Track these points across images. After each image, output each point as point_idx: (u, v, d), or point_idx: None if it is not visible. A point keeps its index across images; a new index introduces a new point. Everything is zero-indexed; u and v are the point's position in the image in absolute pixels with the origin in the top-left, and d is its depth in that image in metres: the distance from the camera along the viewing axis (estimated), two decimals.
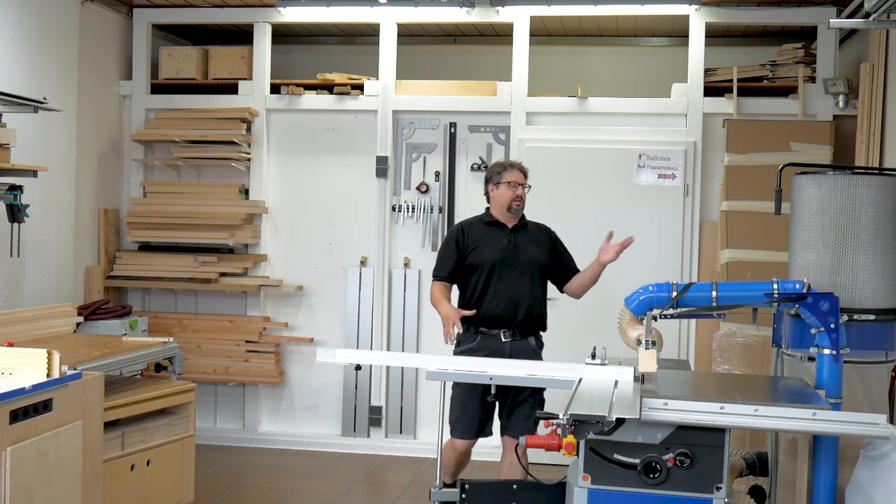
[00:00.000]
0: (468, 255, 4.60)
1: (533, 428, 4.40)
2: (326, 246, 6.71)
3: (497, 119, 6.49)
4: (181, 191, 6.71)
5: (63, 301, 5.88)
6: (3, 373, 3.47)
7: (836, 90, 6.00)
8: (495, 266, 4.54)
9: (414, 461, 6.29)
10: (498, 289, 4.52)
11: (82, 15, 6.23)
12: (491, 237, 4.61)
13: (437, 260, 4.72)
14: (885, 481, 3.27)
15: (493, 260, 4.55)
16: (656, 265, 6.12)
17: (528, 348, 4.53)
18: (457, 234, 4.67)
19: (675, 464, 3.08)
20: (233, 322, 6.68)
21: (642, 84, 6.89)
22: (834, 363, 3.49)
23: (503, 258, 4.55)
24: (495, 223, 4.65)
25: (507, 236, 4.61)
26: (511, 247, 4.58)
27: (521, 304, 4.52)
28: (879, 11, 4.52)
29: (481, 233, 4.63)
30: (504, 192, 4.61)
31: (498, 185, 4.63)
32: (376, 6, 6.40)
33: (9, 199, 4.97)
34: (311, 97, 6.65)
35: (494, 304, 4.52)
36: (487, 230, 4.64)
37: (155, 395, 4.78)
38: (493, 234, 4.62)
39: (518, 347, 4.51)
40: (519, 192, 4.60)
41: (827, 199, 3.73)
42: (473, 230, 4.65)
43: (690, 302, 3.63)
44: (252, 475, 6.01)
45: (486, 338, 4.52)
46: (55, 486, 3.50)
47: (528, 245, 4.62)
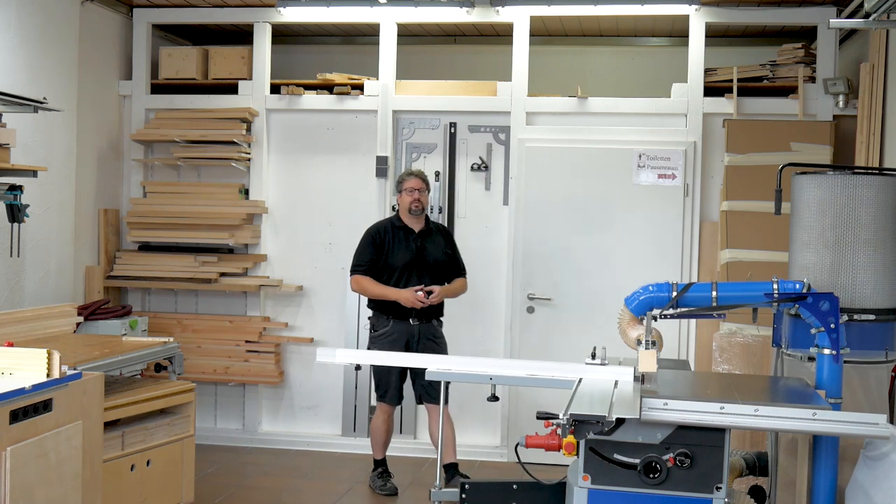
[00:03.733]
0: (384, 256, 5.50)
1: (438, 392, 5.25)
2: (326, 246, 6.71)
3: (497, 119, 6.49)
4: (181, 191, 6.71)
5: (63, 301, 5.88)
6: (3, 373, 3.47)
7: (836, 90, 6.00)
8: (405, 266, 5.49)
9: (414, 461, 6.29)
10: (408, 285, 5.45)
11: (82, 15, 6.23)
12: (401, 241, 5.54)
13: (356, 256, 5.60)
14: (885, 481, 3.27)
15: (404, 261, 5.49)
16: (656, 265, 6.13)
17: (433, 329, 5.56)
18: (374, 234, 5.58)
19: (675, 464, 3.08)
20: (233, 322, 6.68)
21: (642, 84, 6.88)
22: (834, 363, 3.49)
23: (411, 259, 5.50)
24: (404, 228, 5.57)
25: (415, 240, 5.54)
26: (418, 249, 5.53)
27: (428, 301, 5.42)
28: (879, 11, 4.52)
29: (394, 237, 5.55)
30: (405, 197, 5.56)
31: (401, 192, 5.59)
32: (376, 6, 6.40)
33: (9, 199, 4.97)
34: (311, 97, 6.65)
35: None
36: (398, 234, 5.56)
37: (155, 395, 4.78)
38: (403, 239, 5.55)
39: (425, 329, 5.51)
40: (416, 196, 5.53)
41: (827, 199, 3.73)
42: (387, 234, 5.56)
43: (690, 302, 3.63)
44: (252, 475, 6.00)
45: (398, 323, 5.47)
46: (55, 486, 3.50)
47: (431, 247, 5.58)
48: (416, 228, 5.58)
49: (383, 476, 5.71)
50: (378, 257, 5.52)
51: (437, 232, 5.68)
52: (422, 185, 5.58)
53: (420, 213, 5.56)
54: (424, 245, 5.56)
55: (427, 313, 5.51)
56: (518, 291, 6.34)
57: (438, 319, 5.63)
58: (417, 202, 5.55)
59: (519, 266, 6.36)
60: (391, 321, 5.50)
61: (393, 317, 5.49)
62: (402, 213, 5.61)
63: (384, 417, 5.68)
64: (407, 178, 5.61)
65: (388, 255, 5.52)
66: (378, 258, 5.52)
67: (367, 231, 5.64)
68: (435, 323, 5.59)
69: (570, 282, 6.32)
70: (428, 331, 5.53)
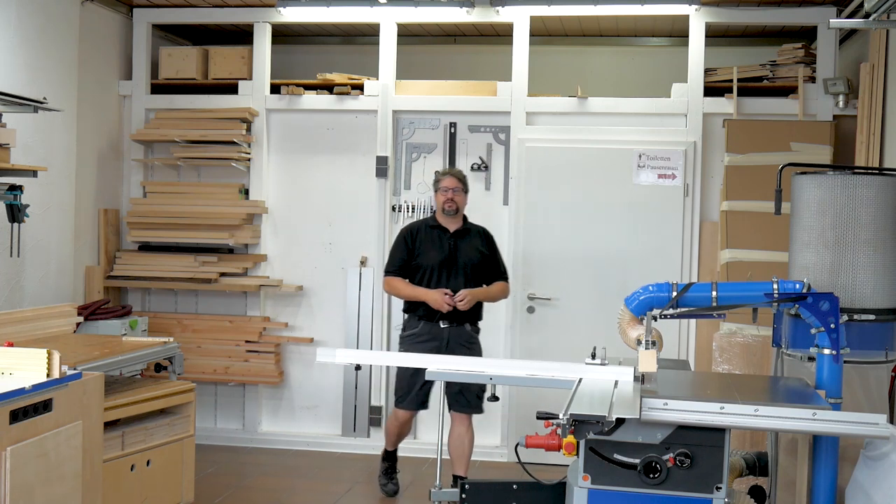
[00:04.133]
0: (416, 257, 5.33)
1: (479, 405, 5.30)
2: (326, 246, 6.71)
3: (497, 119, 6.49)
4: (181, 191, 6.71)
5: (63, 301, 5.88)
6: (3, 373, 3.47)
7: (836, 90, 6.00)
8: (435, 268, 5.29)
9: (414, 461, 6.29)
10: (439, 286, 5.24)
11: (82, 15, 6.23)
12: (435, 241, 5.36)
13: (389, 257, 5.49)
14: (885, 481, 3.27)
15: (435, 262, 5.30)
16: (656, 265, 6.13)
17: (464, 333, 5.30)
18: (406, 235, 5.41)
19: (675, 464, 3.08)
20: (233, 322, 6.68)
21: (642, 84, 6.88)
22: (834, 363, 3.49)
23: (443, 260, 5.30)
24: (439, 227, 5.39)
25: (449, 240, 5.35)
26: (452, 250, 5.33)
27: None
28: (879, 11, 4.52)
29: (427, 237, 5.37)
30: (439, 196, 5.38)
31: (437, 191, 5.41)
32: (376, 6, 6.40)
33: (9, 199, 4.97)
34: (311, 97, 6.65)
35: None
36: (432, 234, 5.38)
37: (155, 395, 4.78)
38: (437, 239, 5.36)
39: (456, 332, 5.27)
40: (450, 196, 5.33)
41: (827, 199, 3.73)
42: (420, 234, 5.39)
43: (690, 302, 3.63)
44: (252, 475, 6.00)
45: (428, 324, 5.26)
46: (55, 486, 3.50)
47: (466, 248, 5.36)
48: (452, 228, 5.40)
49: (388, 473, 5.67)
50: (410, 258, 5.36)
51: (475, 233, 5.47)
52: (457, 185, 5.38)
53: (454, 213, 5.37)
54: (458, 245, 5.36)
55: (459, 316, 5.27)
56: (518, 291, 6.34)
57: (473, 324, 5.39)
58: (451, 202, 5.35)
59: (519, 266, 6.35)
60: (421, 322, 5.30)
61: (423, 318, 5.29)
62: (438, 212, 5.44)
63: (398, 423, 5.51)
64: (442, 178, 5.42)
65: (419, 255, 5.35)
66: (410, 259, 5.36)
67: (400, 231, 5.51)
68: (468, 327, 5.34)
69: (570, 282, 6.32)
70: (460, 335, 5.29)
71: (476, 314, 5.35)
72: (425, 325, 5.27)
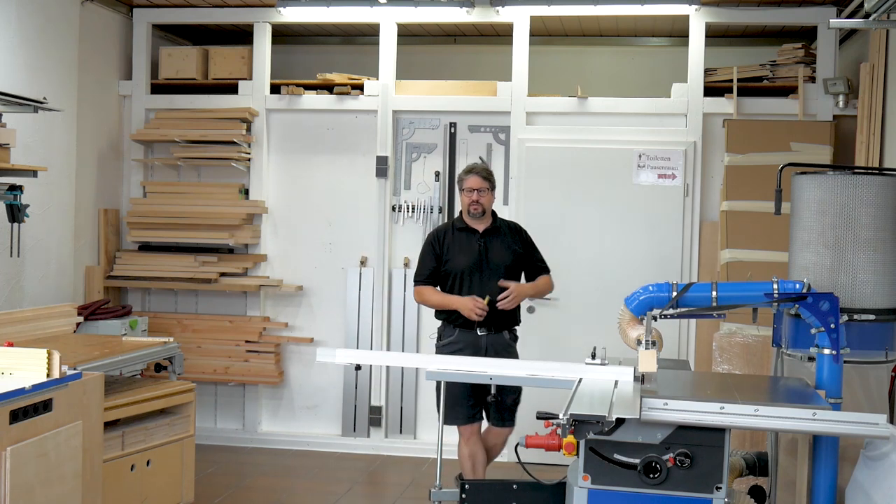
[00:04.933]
0: (444, 263, 4.93)
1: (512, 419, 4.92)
2: (326, 246, 6.71)
3: (497, 119, 6.49)
4: (181, 191, 6.71)
5: (63, 301, 5.88)
6: (3, 373, 3.47)
7: (836, 90, 6.00)
8: (465, 272, 4.87)
9: (414, 461, 6.29)
10: (471, 292, 4.82)
11: (82, 15, 6.23)
12: (463, 244, 4.93)
13: (418, 265, 5.04)
14: (886, 481, 3.27)
15: (465, 266, 4.88)
16: (656, 265, 6.12)
17: (502, 341, 4.87)
18: (433, 240, 5.00)
19: (675, 464, 3.08)
20: (233, 322, 6.68)
21: (642, 84, 6.89)
22: (834, 363, 3.49)
23: (473, 263, 4.88)
24: (466, 228, 4.96)
25: (478, 241, 4.92)
26: (482, 251, 4.90)
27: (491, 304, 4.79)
28: (879, 11, 4.52)
29: (454, 240, 4.95)
30: (464, 198, 4.95)
31: (461, 190, 4.98)
32: (376, 6, 6.40)
33: (9, 199, 4.97)
34: (311, 97, 6.65)
35: None
36: (460, 237, 4.95)
37: (155, 395, 4.78)
38: (465, 241, 4.93)
39: (493, 340, 4.84)
40: (474, 198, 4.88)
41: (827, 199, 3.73)
42: (447, 238, 4.97)
43: (690, 302, 3.63)
44: (252, 475, 6.00)
45: (464, 332, 4.84)
46: (55, 486, 3.50)
47: (498, 248, 4.93)
48: (481, 228, 4.94)
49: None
50: (439, 265, 4.93)
51: (507, 231, 5.01)
52: (483, 185, 4.90)
53: (480, 215, 4.92)
54: (488, 247, 4.91)
55: (497, 322, 4.85)
56: None
57: (511, 331, 4.96)
58: (477, 204, 4.89)
59: None
60: (456, 330, 4.86)
61: (460, 326, 4.86)
62: (463, 213, 5.00)
63: (462, 442, 4.90)
64: (466, 177, 4.94)
65: (448, 260, 4.92)
66: (439, 266, 4.93)
67: (427, 237, 5.11)
68: (506, 335, 4.91)
69: (570, 282, 6.31)
70: (498, 343, 4.85)
71: (514, 320, 4.96)
72: (461, 333, 4.86)
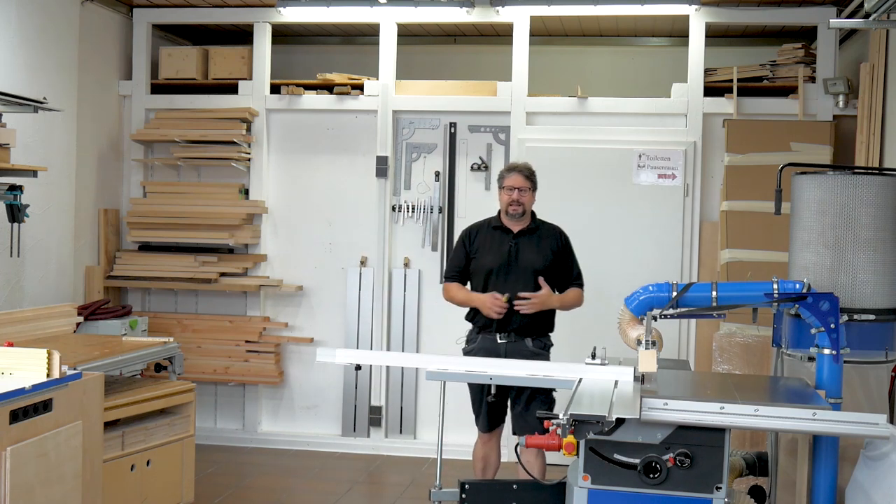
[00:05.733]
0: (472, 262, 4.76)
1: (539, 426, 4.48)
2: (326, 246, 6.71)
3: (497, 119, 6.49)
4: (181, 191, 6.71)
5: (63, 301, 5.88)
6: (3, 373, 3.47)
7: (836, 90, 6.00)
8: (491, 273, 4.67)
9: (414, 461, 6.29)
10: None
11: (82, 15, 6.23)
12: (494, 243, 4.73)
13: (448, 262, 4.96)
14: (885, 481, 3.27)
15: (490, 267, 4.68)
16: (656, 265, 6.12)
17: (524, 349, 4.61)
18: (464, 237, 4.84)
19: (675, 464, 3.08)
20: (233, 322, 6.68)
21: (642, 84, 6.89)
22: (834, 363, 3.49)
23: (500, 265, 4.67)
24: (501, 227, 4.76)
25: (510, 242, 4.71)
26: (511, 253, 4.69)
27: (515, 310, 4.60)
28: (879, 11, 4.52)
29: (486, 238, 4.76)
30: (503, 196, 4.74)
31: (501, 188, 4.76)
32: (376, 6, 6.40)
33: (9, 199, 4.97)
34: (311, 97, 6.65)
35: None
36: (493, 235, 4.75)
37: (155, 395, 4.78)
38: (497, 240, 4.73)
39: (513, 348, 4.60)
40: (514, 197, 4.67)
41: (827, 199, 3.73)
42: (480, 235, 4.79)
43: (690, 302, 3.63)
44: (252, 475, 6.00)
45: (485, 338, 4.66)
46: (55, 486, 3.50)
47: (530, 250, 4.70)
48: (516, 229, 4.73)
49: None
50: (468, 262, 4.76)
51: (545, 233, 4.77)
52: (525, 184, 4.68)
53: (520, 216, 4.70)
54: (519, 248, 4.69)
55: (519, 328, 4.61)
56: None
57: (538, 338, 4.67)
58: (517, 205, 4.67)
59: None
60: (479, 336, 4.68)
61: (481, 330, 4.67)
62: (501, 212, 4.79)
63: (479, 444, 4.80)
64: (508, 174, 4.73)
65: (475, 258, 4.74)
66: (468, 263, 4.76)
67: (461, 233, 4.92)
68: (529, 343, 4.63)
69: None
70: (518, 351, 4.58)
71: (539, 326, 4.67)
72: (483, 338, 4.66)
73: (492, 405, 4.66)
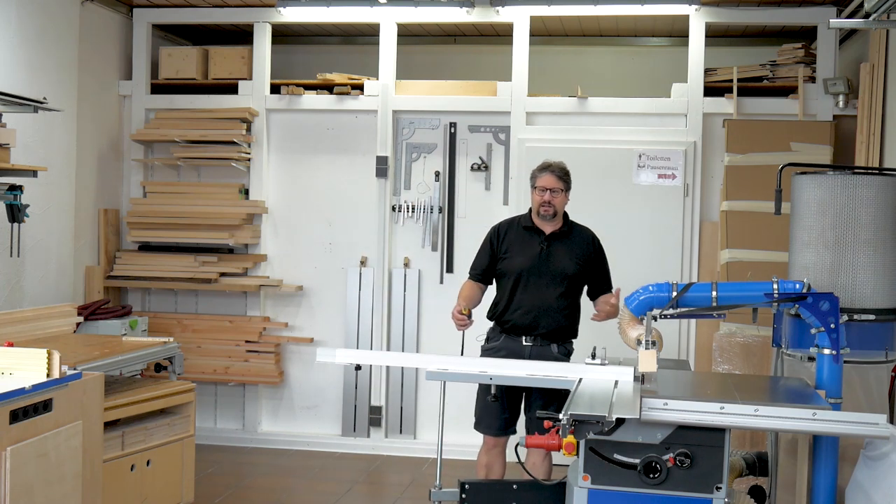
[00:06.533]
0: (500, 261, 4.60)
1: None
2: (326, 246, 6.71)
3: (497, 119, 6.49)
4: (181, 191, 6.71)
5: (63, 301, 5.88)
6: (3, 373, 3.47)
7: (836, 90, 6.00)
8: (522, 275, 4.52)
9: (414, 461, 6.29)
10: (523, 298, 4.51)
11: (82, 15, 6.23)
12: (524, 244, 4.58)
13: (474, 258, 4.75)
14: (885, 481, 3.27)
15: (521, 269, 4.53)
16: (656, 265, 6.12)
17: (549, 355, 4.48)
18: (492, 235, 4.68)
19: (675, 464, 3.08)
20: (233, 322, 6.68)
21: (642, 84, 6.88)
22: (834, 363, 3.49)
23: (531, 267, 4.52)
24: (532, 228, 4.61)
25: (541, 244, 4.56)
26: (543, 255, 4.54)
27: (544, 314, 4.49)
28: (879, 11, 4.52)
29: (516, 238, 4.61)
30: (535, 196, 4.58)
31: (533, 188, 4.61)
32: (376, 6, 6.39)
33: (9, 199, 4.97)
34: (311, 97, 6.65)
35: (518, 313, 4.52)
36: (523, 235, 4.60)
37: (155, 395, 4.78)
38: (528, 241, 4.58)
39: (538, 353, 4.47)
40: (546, 198, 4.52)
41: (827, 199, 3.73)
42: (510, 234, 4.63)
43: (690, 302, 3.63)
44: (252, 475, 6.00)
45: (509, 340, 4.53)
46: (55, 486, 3.50)
47: (561, 254, 4.56)
48: (548, 230, 4.58)
49: None
50: (493, 262, 4.62)
51: (578, 237, 4.65)
52: (557, 184, 4.54)
53: (551, 217, 4.55)
54: (551, 251, 4.54)
55: (546, 335, 4.49)
56: None
57: (562, 344, 4.55)
58: (548, 206, 4.52)
59: None
60: (503, 336, 4.56)
61: (507, 331, 4.55)
62: (533, 212, 4.63)
63: (483, 450, 4.66)
64: (540, 174, 4.58)
65: (504, 259, 4.59)
66: (493, 263, 4.62)
67: (489, 230, 4.76)
68: (555, 349, 4.51)
69: None
70: (543, 355, 4.44)
71: (566, 332, 4.56)
72: (507, 339, 4.54)
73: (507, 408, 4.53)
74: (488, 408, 4.55)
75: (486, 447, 4.64)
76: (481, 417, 4.61)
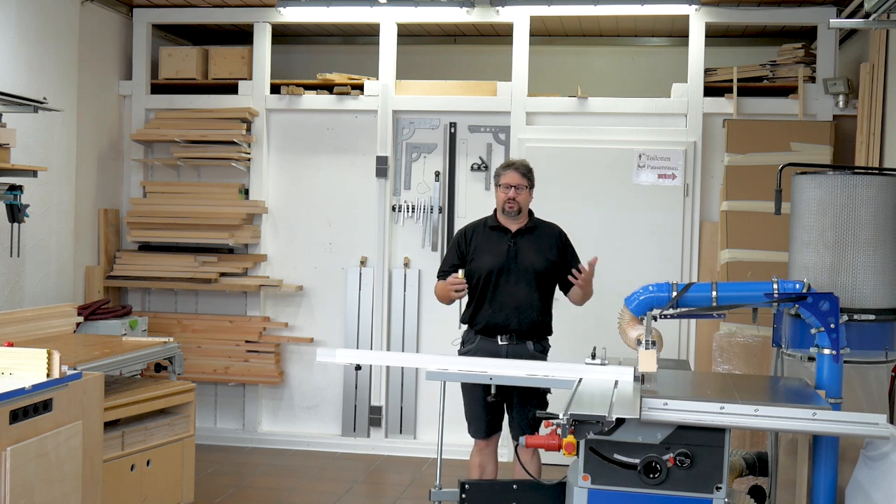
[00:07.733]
0: (469, 262, 4.61)
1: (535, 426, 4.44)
2: (326, 246, 6.71)
3: (497, 119, 6.49)
4: (181, 191, 6.71)
5: (63, 301, 5.88)
6: (3, 373, 3.47)
7: (836, 90, 6.00)
8: (492, 274, 4.55)
9: (414, 461, 6.29)
10: (495, 297, 4.53)
11: (82, 15, 6.23)
12: (492, 243, 4.61)
13: (442, 260, 4.83)
14: (885, 481, 3.27)
15: (491, 267, 4.55)
16: (656, 265, 6.12)
17: (525, 353, 4.51)
18: (460, 238, 4.72)
19: (675, 464, 3.08)
20: (233, 322, 6.68)
21: (642, 84, 6.89)
22: (834, 363, 3.49)
23: (500, 266, 4.55)
24: (499, 227, 4.64)
25: (509, 242, 4.59)
26: (511, 253, 4.57)
27: (517, 312, 4.52)
28: (879, 11, 4.52)
29: (484, 238, 4.64)
30: (499, 194, 4.61)
31: (497, 186, 4.65)
32: (376, 6, 6.40)
33: (9, 199, 4.97)
34: (311, 97, 6.65)
35: (491, 312, 4.55)
36: (490, 235, 4.63)
37: (155, 395, 4.78)
38: (495, 240, 4.61)
39: (515, 351, 4.50)
40: (511, 195, 4.55)
41: (827, 199, 3.74)
42: (477, 235, 4.66)
43: (690, 302, 3.63)
44: (252, 475, 6.00)
45: (485, 340, 4.56)
46: (55, 486, 3.50)
47: (529, 251, 4.58)
48: (514, 228, 4.62)
49: None
50: (462, 263, 4.61)
51: (544, 233, 4.66)
52: (521, 181, 4.57)
53: (516, 214, 4.59)
54: (519, 247, 4.58)
55: (521, 333, 4.52)
56: None
57: (538, 342, 4.59)
58: (513, 202, 4.56)
59: None
60: (478, 337, 4.58)
61: (481, 332, 4.57)
62: (498, 211, 4.68)
63: (475, 451, 4.69)
64: (504, 172, 4.61)
65: (472, 259, 4.61)
66: (462, 264, 4.61)
67: (455, 234, 4.85)
68: (531, 346, 4.54)
69: None
70: (520, 354, 4.47)
71: (540, 330, 4.59)
72: (482, 340, 4.56)
73: (490, 410, 4.56)
74: (473, 411, 4.59)
75: (477, 448, 4.68)
76: (469, 421, 4.65)
